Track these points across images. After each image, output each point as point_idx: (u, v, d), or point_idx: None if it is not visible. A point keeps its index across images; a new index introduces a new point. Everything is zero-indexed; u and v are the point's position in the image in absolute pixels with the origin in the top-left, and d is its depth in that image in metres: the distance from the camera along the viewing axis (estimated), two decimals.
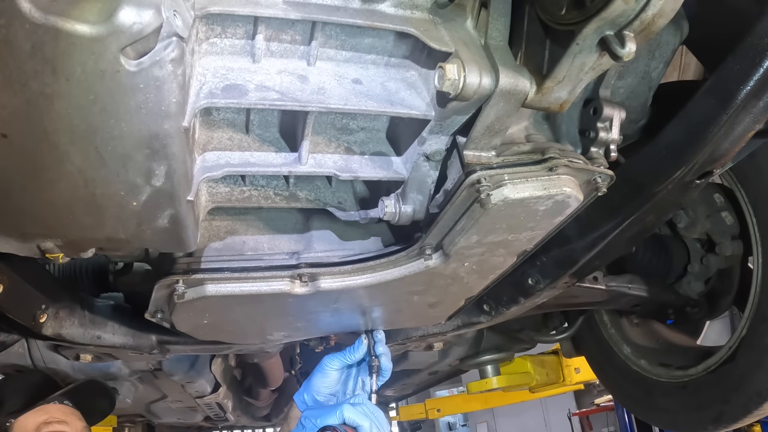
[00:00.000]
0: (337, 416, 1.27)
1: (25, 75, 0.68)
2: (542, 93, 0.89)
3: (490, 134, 0.94)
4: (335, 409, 1.28)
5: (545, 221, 1.08)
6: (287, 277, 1.15)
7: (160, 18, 0.66)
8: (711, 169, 1.16)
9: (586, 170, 1.03)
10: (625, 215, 1.26)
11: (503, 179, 0.96)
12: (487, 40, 0.89)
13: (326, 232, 1.24)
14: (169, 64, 0.69)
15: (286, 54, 0.90)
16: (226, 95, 0.83)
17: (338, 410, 1.27)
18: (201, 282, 1.13)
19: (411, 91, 0.94)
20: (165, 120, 0.75)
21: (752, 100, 1.01)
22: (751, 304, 1.54)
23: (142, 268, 1.50)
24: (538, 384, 3.35)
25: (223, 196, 1.08)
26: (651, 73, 1.18)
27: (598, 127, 1.08)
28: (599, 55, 0.84)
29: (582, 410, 8.72)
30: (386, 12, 0.87)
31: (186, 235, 0.99)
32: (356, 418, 1.26)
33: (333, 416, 1.27)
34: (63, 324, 1.44)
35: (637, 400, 1.98)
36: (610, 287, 1.72)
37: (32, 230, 0.97)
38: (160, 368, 2.43)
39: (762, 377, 1.50)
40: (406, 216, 1.09)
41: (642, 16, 0.76)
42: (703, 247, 1.75)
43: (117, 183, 0.84)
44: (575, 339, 2.32)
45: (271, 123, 1.01)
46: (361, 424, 1.26)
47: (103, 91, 0.70)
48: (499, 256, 1.19)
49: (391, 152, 1.06)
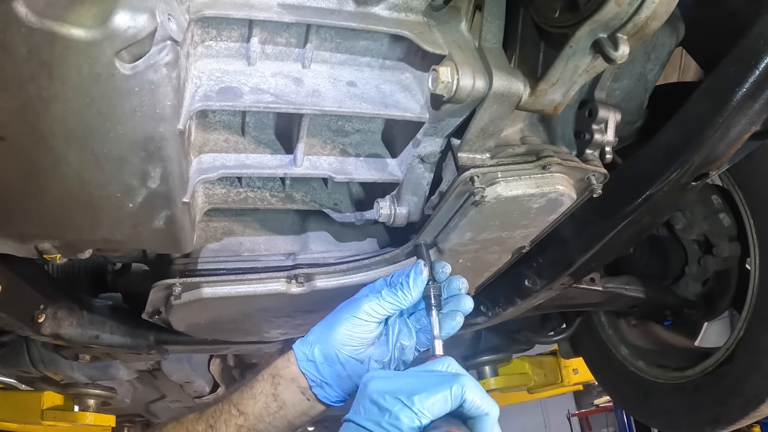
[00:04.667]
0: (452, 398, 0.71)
1: (22, 78, 0.69)
2: (536, 95, 0.89)
3: (485, 136, 0.94)
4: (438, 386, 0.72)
5: (539, 219, 1.08)
6: (283, 278, 1.15)
7: (154, 22, 0.66)
8: (707, 171, 1.17)
9: (579, 168, 1.04)
10: (622, 216, 1.27)
11: (496, 177, 0.97)
12: (481, 43, 0.90)
13: (322, 234, 1.24)
14: (163, 68, 0.70)
15: (281, 57, 0.90)
16: (221, 98, 0.84)
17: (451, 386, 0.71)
18: (197, 285, 1.14)
19: (405, 94, 0.94)
20: (160, 123, 0.76)
21: (748, 102, 1.01)
22: (748, 306, 1.54)
23: (140, 268, 1.51)
24: (537, 385, 3.35)
25: (220, 197, 1.09)
26: (647, 75, 1.18)
27: (594, 129, 1.08)
28: (593, 58, 0.84)
29: (581, 411, 8.71)
30: (380, 15, 0.87)
31: (182, 237, 1.00)
32: (481, 402, 0.73)
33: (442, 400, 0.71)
34: (61, 324, 1.44)
35: (634, 402, 1.98)
36: (608, 288, 1.73)
37: (30, 231, 0.98)
38: (158, 368, 2.43)
39: (760, 379, 1.50)
40: (401, 217, 1.09)
41: (635, 18, 0.76)
42: (701, 248, 1.75)
43: (113, 185, 0.85)
44: (573, 340, 2.32)
45: (267, 125, 1.02)
46: (487, 411, 0.73)
47: (98, 94, 0.71)
48: (493, 254, 1.20)
49: (386, 154, 1.06)
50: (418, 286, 0.88)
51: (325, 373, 0.90)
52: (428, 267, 0.89)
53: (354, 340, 0.89)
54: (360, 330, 0.89)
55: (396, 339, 0.93)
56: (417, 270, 0.88)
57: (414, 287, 0.88)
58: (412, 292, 0.88)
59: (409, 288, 0.88)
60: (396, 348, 0.92)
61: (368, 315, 0.88)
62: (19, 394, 2.86)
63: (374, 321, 0.89)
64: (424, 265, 0.88)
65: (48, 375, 2.17)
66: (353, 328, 0.89)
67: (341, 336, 0.89)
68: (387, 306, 0.89)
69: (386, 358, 0.92)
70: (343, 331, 0.89)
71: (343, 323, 0.89)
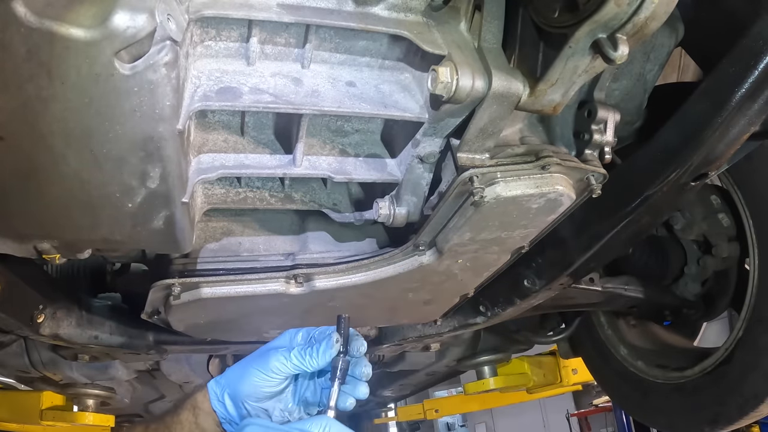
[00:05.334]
0: None
1: (21, 78, 0.69)
2: (535, 95, 0.89)
3: (484, 136, 0.94)
4: None
5: (538, 219, 1.08)
6: (282, 278, 1.15)
7: (153, 22, 0.66)
8: (706, 171, 1.17)
9: (579, 169, 1.04)
10: (621, 217, 1.27)
11: (496, 177, 0.97)
12: (481, 43, 0.90)
13: (322, 234, 1.24)
14: (162, 68, 0.70)
15: (281, 57, 0.90)
16: (221, 98, 0.84)
17: None
18: (196, 285, 1.14)
19: (405, 94, 0.94)
20: (159, 123, 0.76)
21: (747, 102, 1.01)
22: (747, 306, 1.54)
23: (139, 268, 1.51)
24: (536, 385, 3.35)
25: (219, 197, 1.09)
26: (646, 76, 1.18)
27: (593, 129, 1.08)
28: (592, 58, 0.84)
29: (580, 411, 8.72)
30: (380, 15, 0.87)
31: (181, 237, 1.00)
32: None
33: None
34: (60, 324, 1.44)
35: (633, 402, 1.98)
36: (607, 289, 1.73)
37: (29, 231, 0.98)
38: (158, 368, 2.43)
39: (758, 379, 1.50)
40: (400, 217, 1.09)
41: (634, 19, 0.77)
42: (700, 248, 1.75)
43: (112, 185, 0.85)
44: (572, 340, 2.32)
45: (266, 125, 1.02)
46: None
47: (97, 94, 0.71)
48: (492, 254, 1.20)
49: (385, 154, 1.06)
50: (326, 358, 0.89)
51: (233, 414, 0.94)
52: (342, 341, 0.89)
53: (259, 393, 0.92)
54: (266, 384, 0.91)
55: (302, 393, 0.96)
56: (329, 344, 0.89)
57: (322, 357, 0.89)
58: (319, 361, 0.89)
59: (317, 356, 0.89)
60: (301, 402, 0.96)
61: (274, 372, 0.90)
62: (18, 394, 2.86)
63: (280, 377, 0.91)
64: (336, 341, 0.89)
65: (47, 375, 2.16)
66: (259, 381, 0.91)
67: (247, 387, 0.91)
68: (292, 367, 0.90)
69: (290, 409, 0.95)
70: (249, 382, 0.91)
71: (250, 375, 0.92)
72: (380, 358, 2.51)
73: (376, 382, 3.27)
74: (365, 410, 5.00)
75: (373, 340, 1.86)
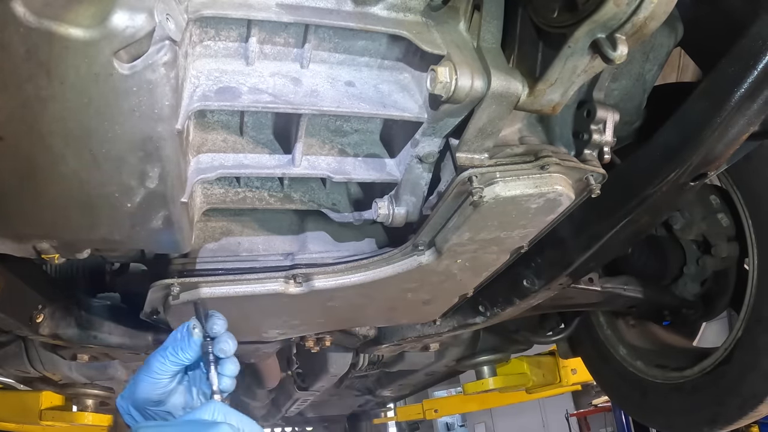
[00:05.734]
0: None
1: (20, 78, 0.68)
2: (534, 95, 0.89)
3: (483, 136, 0.94)
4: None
5: (537, 219, 1.08)
6: (281, 278, 1.15)
7: (152, 22, 0.66)
8: (705, 171, 1.17)
9: (578, 168, 1.04)
10: (620, 216, 1.27)
11: (495, 177, 0.97)
12: (480, 43, 0.90)
13: (321, 234, 1.24)
14: (161, 68, 0.70)
15: (280, 56, 0.90)
16: (220, 98, 0.84)
17: None
18: (196, 285, 1.14)
19: (404, 94, 0.94)
20: (158, 123, 0.76)
21: (747, 102, 1.01)
22: (746, 306, 1.54)
23: (138, 268, 1.51)
24: (535, 385, 3.35)
25: (218, 197, 1.09)
26: (645, 75, 1.19)
27: (592, 129, 1.08)
28: (591, 58, 0.84)
29: (580, 411, 8.72)
30: (379, 15, 0.87)
31: (180, 237, 1.00)
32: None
33: None
34: (60, 324, 1.44)
35: (632, 402, 1.98)
36: (606, 288, 1.73)
37: (28, 231, 0.98)
38: None
39: (758, 379, 1.50)
40: (399, 217, 1.09)
41: (634, 18, 0.77)
42: (699, 248, 1.76)
43: (111, 185, 0.85)
44: (571, 340, 2.32)
45: (265, 125, 1.02)
46: None
47: (96, 94, 0.71)
48: (491, 254, 1.20)
49: (384, 154, 1.06)
50: (192, 345, 0.90)
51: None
52: (200, 325, 0.90)
53: (154, 396, 0.92)
54: (155, 387, 0.91)
55: (199, 386, 0.95)
56: (184, 331, 0.90)
57: (189, 347, 0.90)
58: (189, 351, 0.89)
59: (186, 345, 0.89)
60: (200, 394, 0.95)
61: (157, 374, 0.91)
62: (17, 394, 2.86)
63: (165, 377, 0.91)
64: (193, 326, 0.89)
65: (46, 375, 2.16)
66: (148, 387, 0.91)
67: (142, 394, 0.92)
68: (171, 364, 0.90)
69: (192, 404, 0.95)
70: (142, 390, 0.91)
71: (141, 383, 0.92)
72: (379, 358, 2.51)
73: (375, 381, 3.27)
74: (364, 410, 5.01)
75: (372, 340, 1.86)
